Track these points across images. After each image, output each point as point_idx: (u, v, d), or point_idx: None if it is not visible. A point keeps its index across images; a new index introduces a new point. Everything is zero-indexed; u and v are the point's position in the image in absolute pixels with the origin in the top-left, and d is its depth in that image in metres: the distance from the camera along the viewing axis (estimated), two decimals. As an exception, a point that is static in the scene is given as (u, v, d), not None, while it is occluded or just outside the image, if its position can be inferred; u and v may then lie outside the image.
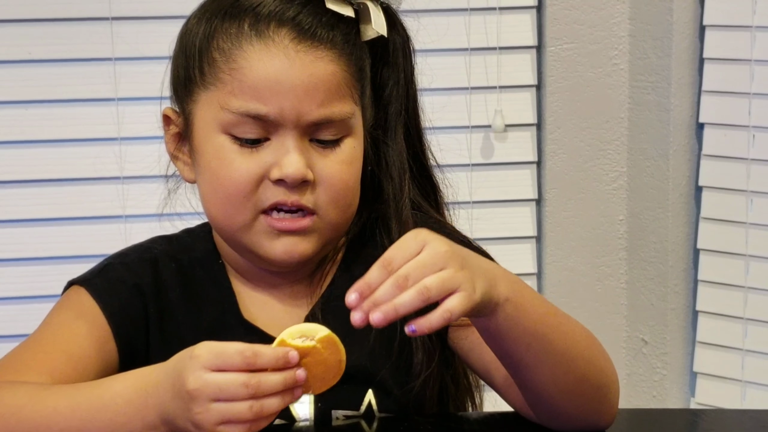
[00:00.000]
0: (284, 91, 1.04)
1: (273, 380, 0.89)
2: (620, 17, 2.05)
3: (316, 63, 1.05)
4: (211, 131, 1.06)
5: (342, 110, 1.06)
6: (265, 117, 1.04)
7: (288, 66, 1.04)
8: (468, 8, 2.03)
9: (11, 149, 1.98)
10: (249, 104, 1.04)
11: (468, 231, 1.20)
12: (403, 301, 0.90)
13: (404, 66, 1.15)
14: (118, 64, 1.97)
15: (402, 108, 1.14)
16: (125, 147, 1.98)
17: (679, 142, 2.05)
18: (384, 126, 1.14)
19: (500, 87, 2.05)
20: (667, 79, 2.03)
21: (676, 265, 2.08)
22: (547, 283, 2.11)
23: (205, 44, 1.08)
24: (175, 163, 1.13)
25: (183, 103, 1.10)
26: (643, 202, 2.09)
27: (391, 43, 1.13)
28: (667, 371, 2.11)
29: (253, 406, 0.89)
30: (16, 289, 1.99)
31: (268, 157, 1.05)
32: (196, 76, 1.08)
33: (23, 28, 1.96)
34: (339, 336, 0.96)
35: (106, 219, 1.99)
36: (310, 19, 1.06)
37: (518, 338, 0.99)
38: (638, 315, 2.12)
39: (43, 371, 1.03)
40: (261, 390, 0.89)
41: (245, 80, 1.04)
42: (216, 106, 1.06)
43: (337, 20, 1.07)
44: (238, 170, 1.04)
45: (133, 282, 1.10)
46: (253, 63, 1.05)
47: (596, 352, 1.04)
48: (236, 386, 0.88)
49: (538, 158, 2.10)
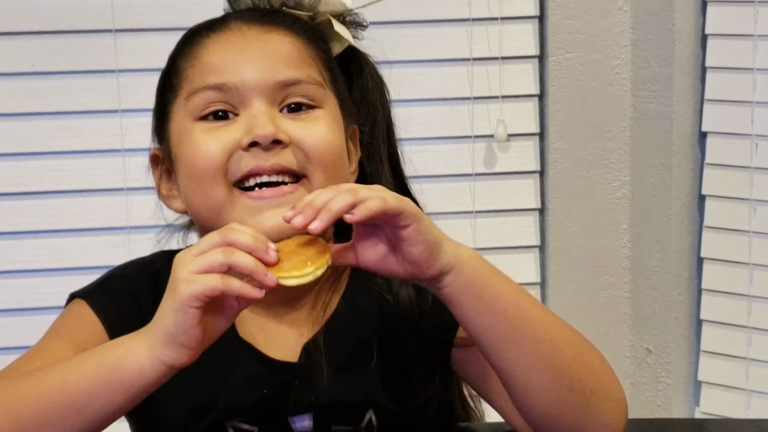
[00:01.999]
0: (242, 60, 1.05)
1: (244, 238, 0.91)
2: (622, 26, 2.05)
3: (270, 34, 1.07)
4: (183, 126, 1.07)
5: (308, 74, 1.06)
6: (224, 86, 1.04)
7: (243, 41, 1.06)
8: (470, 18, 2.03)
9: (15, 161, 1.99)
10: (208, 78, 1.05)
11: (471, 241, 1.20)
12: (336, 200, 0.91)
13: (379, 87, 1.16)
14: (122, 76, 1.97)
15: (383, 129, 1.15)
16: (129, 158, 1.99)
17: (681, 151, 2.05)
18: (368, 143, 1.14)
19: (503, 97, 2.05)
20: (669, 88, 2.03)
21: (679, 274, 2.08)
22: (551, 293, 2.11)
23: (171, 63, 1.11)
24: (163, 200, 1.13)
25: (163, 133, 1.11)
26: (647, 211, 2.09)
27: (364, 64, 1.15)
28: (672, 380, 2.11)
29: (226, 252, 0.90)
30: (19, 300, 2.00)
31: (238, 128, 1.04)
32: (167, 95, 1.09)
33: (27, 41, 1.97)
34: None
35: (109, 230, 2.00)
36: (263, 12, 1.10)
37: (477, 315, 0.98)
38: (642, 324, 2.12)
39: None
40: (234, 239, 0.91)
41: (204, 63, 1.06)
42: (184, 103, 1.07)
43: (293, 18, 1.10)
44: (207, 145, 1.04)
45: (133, 295, 1.10)
46: (211, 47, 1.07)
47: (584, 355, 1.02)
48: (211, 237, 0.91)
49: (541, 168, 2.10)
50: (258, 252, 0.91)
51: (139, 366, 0.94)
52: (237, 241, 0.92)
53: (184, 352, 0.92)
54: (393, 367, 1.09)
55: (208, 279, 0.90)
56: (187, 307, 0.90)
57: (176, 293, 0.91)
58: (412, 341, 1.10)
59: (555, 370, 1.00)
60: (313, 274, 0.93)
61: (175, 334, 0.92)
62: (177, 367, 0.94)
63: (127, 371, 0.94)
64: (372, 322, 1.11)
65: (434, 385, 1.11)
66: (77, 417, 0.96)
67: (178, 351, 0.92)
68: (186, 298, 0.90)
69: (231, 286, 0.90)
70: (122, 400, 0.96)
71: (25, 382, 0.98)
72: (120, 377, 0.95)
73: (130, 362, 0.94)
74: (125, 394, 0.95)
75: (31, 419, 0.96)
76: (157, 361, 0.93)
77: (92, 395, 0.95)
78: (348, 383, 1.08)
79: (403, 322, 1.10)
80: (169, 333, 0.92)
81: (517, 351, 0.99)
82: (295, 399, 1.08)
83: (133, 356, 0.94)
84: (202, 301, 0.90)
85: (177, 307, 0.91)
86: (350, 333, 1.10)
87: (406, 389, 1.10)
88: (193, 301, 0.90)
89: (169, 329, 0.92)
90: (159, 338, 0.93)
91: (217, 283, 0.90)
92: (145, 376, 0.94)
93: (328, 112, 1.07)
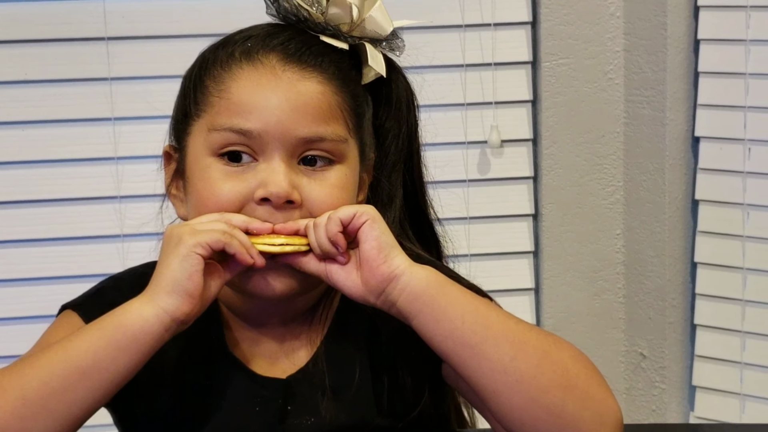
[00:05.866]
0: (270, 107, 1.03)
1: (238, 215, 1.03)
2: (615, 32, 2.06)
3: (303, 82, 1.05)
4: (200, 156, 1.06)
5: (333, 131, 1.05)
6: (249, 133, 1.03)
7: (274, 83, 1.04)
8: (463, 24, 2.03)
9: (8, 170, 1.98)
10: (233, 120, 1.04)
11: (465, 247, 1.20)
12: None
13: (407, 118, 1.14)
14: (114, 84, 1.97)
15: (400, 160, 1.14)
16: (122, 166, 1.98)
17: (675, 156, 2.05)
18: (381, 174, 1.13)
19: (496, 103, 2.06)
20: (662, 93, 2.03)
21: (673, 279, 2.08)
22: (545, 298, 2.11)
23: (198, 76, 1.09)
24: (171, 200, 1.13)
25: (180, 139, 1.10)
26: (640, 216, 2.09)
27: (394, 94, 1.13)
28: (666, 385, 2.11)
29: (228, 225, 1.01)
30: (12, 309, 1.99)
31: (254, 178, 1.03)
32: (191, 108, 1.08)
33: (19, 49, 1.96)
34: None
35: (103, 239, 1.99)
36: (299, 46, 1.07)
37: (434, 323, 0.99)
38: (636, 329, 2.12)
39: None
40: (230, 217, 1.02)
41: (232, 98, 1.05)
42: (205, 131, 1.06)
43: (329, 50, 1.08)
44: (221, 189, 1.04)
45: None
46: (241, 83, 1.05)
47: (553, 354, 1.00)
48: (210, 215, 1.03)
49: (534, 173, 2.10)
50: (253, 224, 1.01)
51: (143, 319, 0.97)
52: (233, 218, 1.02)
53: (187, 299, 0.97)
54: (385, 385, 1.09)
55: (214, 232, 0.99)
56: (193, 253, 0.97)
57: (181, 243, 0.98)
58: (402, 358, 1.10)
59: (520, 372, 0.99)
60: (281, 247, 1.01)
61: (180, 279, 0.97)
62: (179, 319, 0.97)
63: (131, 327, 0.97)
64: (363, 341, 1.11)
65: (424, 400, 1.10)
66: (82, 382, 0.96)
67: (182, 298, 0.97)
68: (192, 244, 0.98)
69: (232, 243, 0.99)
70: (127, 359, 0.97)
71: (23, 363, 0.99)
72: (124, 333, 0.97)
73: (133, 317, 0.97)
74: (129, 351, 0.97)
75: (35, 393, 0.96)
76: (161, 311, 0.97)
77: (97, 358, 0.96)
78: (343, 404, 1.08)
79: (394, 340, 1.10)
80: (174, 279, 0.97)
81: (479, 356, 0.99)
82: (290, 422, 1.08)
83: (136, 311, 0.98)
84: (206, 250, 0.98)
85: (184, 254, 0.98)
86: (343, 353, 1.10)
87: (399, 407, 1.10)
88: (199, 248, 0.98)
89: (174, 276, 0.98)
90: (162, 288, 0.98)
91: (221, 236, 0.99)
92: (148, 330, 0.97)
93: (345, 167, 1.07)
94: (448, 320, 0.99)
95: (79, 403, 0.97)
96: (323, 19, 1.08)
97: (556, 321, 2.11)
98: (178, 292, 0.97)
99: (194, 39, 1.93)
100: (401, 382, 1.10)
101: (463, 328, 0.99)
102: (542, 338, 1.02)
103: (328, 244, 1.00)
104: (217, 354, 1.09)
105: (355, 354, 1.10)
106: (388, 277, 1.00)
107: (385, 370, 1.10)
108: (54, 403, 0.96)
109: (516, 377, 0.99)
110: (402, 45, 1.12)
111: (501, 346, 0.99)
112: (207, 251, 0.98)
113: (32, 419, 0.96)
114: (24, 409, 0.95)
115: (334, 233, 1.00)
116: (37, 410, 0.96)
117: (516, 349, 0.99)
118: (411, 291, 0.99)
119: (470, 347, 0.99)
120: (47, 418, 0.96)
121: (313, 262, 1.02)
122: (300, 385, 1.08)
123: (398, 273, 0.99)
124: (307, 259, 1.02)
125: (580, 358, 1.02)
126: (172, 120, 1.13)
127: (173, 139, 1.12)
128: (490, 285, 1.14)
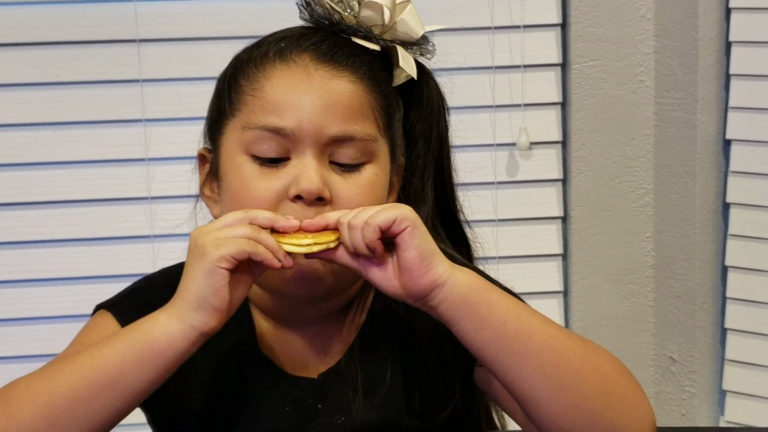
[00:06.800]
0: (303, 105, 1.04)
1: (264, 213, 0.99)
2: (645, 34, 2.05)
3: (335, 80, 1.06)
4: (234, 154, 1.07)
5: (363, 130, 1.06)
6: (283, 131, 1.04)
7: (307, 82, 1.05)
8: (492, 27, 2.03)
9: (40, 170, 2.00)
10: (268, 118, 1.05)
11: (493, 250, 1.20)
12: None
13: (438, 121, 1.15)
14: (145, 86, 1.98)
15: (431, 162, 1.14)
16: (153, 167, 2.00)
17: (705, 159, 2.04)
18: (412, 177, 1.14)
19: (525, 105, 2.05)
20: (693, 95, 2.02)
21: (703, 283, 2.07)
22: (574, 301, 2.10)
23: (233, 76, 1.10)
24: (205, 201, 1.14)
25: (215, 140, 1.11)
26: (670, 219, 2.08)
27: (425, 96, 1.14)
28: (696, 389, 2.10)
29: (253, 228, 0.98)
30: (44, 309, 2.01)
31: (287, 175, 1.04)
32: (225, 108, 1.09)
33: (52, 51, 1.98)
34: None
35: (133, 239, 2.01)
36: (331, 46, 1.08)
37: (476, 331, 0.99)
38: (666, 333, 2.11)
39: None
40: (255, 215, 0.99)
41: (266, 97, 1.06)
42: (239, 129, 1.06)
43: (361, 51, 1.08)
44: (257, 188, 1.05)
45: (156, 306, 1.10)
46: (275, 81, 1.06)
47: (593, 362, 1.01)
48: (234, 214, 0.99)
49: (563, 176, 2.10)
50: (279, 222, 0.99)
51: (169, 334, 0.97)
52: (259, 216, 0.99)
53: (214, 314, 0.96)
54: (416, 386, 1.10)
55: (238, 241, 0.96)
56: (217, 268, 0.96)
57: (205, 256, 0.96)
58: (435, 359, 1.10)
59: (562, 379, 0.99)
60: (308, 247, 0.99)
61: (206, 296, 0.96)
62: (206, 333, 0.97)
63: (158, 341, 0.97)
64: (396, 341, 1.11)
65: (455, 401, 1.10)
66: (109, 393, 0.97)
67: (209, 314, 0.96)
68: (216, 258, 0.96)
69: (258, 251, 0.97)
70: (153, 372, 0.98)
71: (54, 367, 1.00)
72: (151, 348, 0.97)
73: (160, 332, 0.97)
74: (156, 365, 0.97)
75: (63, 400, 0.97)
76: (188, 327, 0.97)
77: (123, 370, 0.97)
78: (373, 404, 1.08)
79: (428, 341, 1.10)
80: (199, 296, 0.96)
81: (521, 363, 0.99)
82: (320, 420, 1.08)
83: (163, 326, 0.97)
84: (230, 263, 0.96)
85: (207, 269, 0.96)
86: (375, 352, 1.10)
87: (429, 408, 1.10)
88: (223, 262, 0.96)
89: (199, 292, 0.96)
90: (188, 303, 0.97)
91: (245, 245, 0.96)
92: (176, 345, 0.97)
93: (376, 166, 1.08)
94: (490, 328, 0.99)
95: (105, 412, 0.98)
96: (355, 22, 1.09)
97: (585, 324, 2.10)
98: (205, 308, 0.97)
99: (224, 41, 1.95)
100: (433, 383, 1.10)
101: (505, 336, 0.99)
102: (582, 345, 1.02)
103: (364, 248, 0.99)
104: (248, 353, 1.10)
105: (387, 353, 1.10)
106: (429, 287, 0.99)
107: (417, 370, 1.10)
108: (81, 411, 0.97)
109: (557, 384, 0.99)
110: (432, 49, 1.13)
111: (543, 354, 0.99)
112: (231, 264, 0.96)
113: (60, 426, 0.97)
114: (52, 415, 0.97)
115: (372, 241, 0.98)
116: (65, 417, 0.97)
117: (557, 356, 0.99)
118: (453, 300, 0.99)
119: (511, 354, 0.99)
120: (74, 425, 0.97)
121: (345, 256, 1.01)
122: (331, 384, 1.09)
123: (440, 282, 0.98)
124: (339, 253, 1.00)
125: (617, 364, 1.03)
126: (206, 120, 1.13)
127: (207, 141, 1.13)
128: (519, 288, 1.14)
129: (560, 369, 0.99)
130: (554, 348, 0.99)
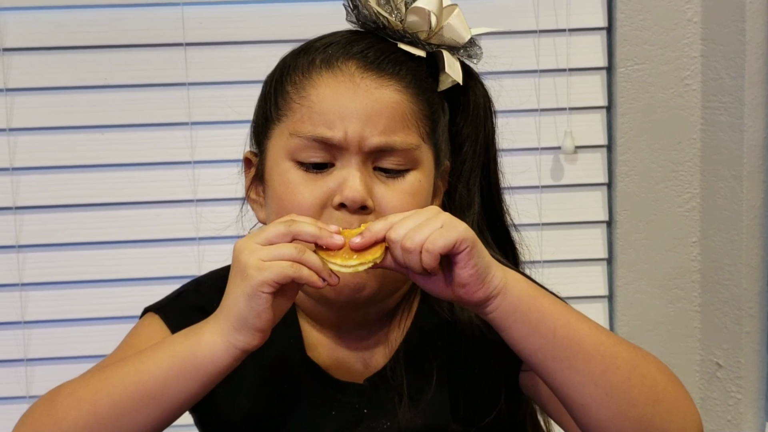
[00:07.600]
0: (349, 115, 1.05)
1: (309, 228, 0.97)
2: (692, 38, 2.03)
3: (380, 90, 1.06)
4: (280, 159, 1.07)
5: (405, 140, 1.06)
6: (329, 141, 1.05)
7: (353, 91, 1.06)
8: (537, 30, 2.03)
9: (87, 173, 2.02)
10: (316, 129, 1.06)
11: (538, 254, 1.19)
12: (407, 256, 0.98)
13: (485, 124, 1.15)
14: (192, 89, 2.00)
15: (478, 166, 1.14)
16: (199, 170, 2.01)
17: (752, 163, 2.02)
18: (458, 181, 1.14)
19: (570, 108, 2.04)
20: (740, 99, 2.00)
21: (750, 288, 2.05)
22: (619, 306, 2.09)
23: (279, 81, 1.11)
24: (250, 204, 1.15)
25: (261, 144, 1.12)
26: (717, 223, 2.07)
27: (472, 101, 1.14)
28: (742, 395, 2.08)
29: (298, 248, 0.96)
30: (91, 310, 2.02)
31: (332, 182, 1.05)
32: (271, 113, 1.10)
33: (100, 54, 2.00)
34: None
35: (179, 241, 2.02)
36: (377, 54, 1.08)
37: (526, 337, 0.99)
38: (712, 338, 2.10)
39: None
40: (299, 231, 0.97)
41: (313, 106, 1.06)
42: (286, 135, 1.07)
43: (407, 58, 1.09)
44: (302, 195, 1.05)
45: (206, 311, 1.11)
46: (321, 90, 1.06)
47: (642, 368, 1.01)
48: (277, 227, 0.97)
49: (608, 180, 2.09)
50: (323, 239, 0.97)
51: (213, 352, 0.98)
52: (302, 232, 0.97)
53: (256, 335, 0.97)
54: (461, 391, 1.10)
55: (281, 265, 0.95)
56: (260, 293, 0.95)
57: (248, 279, 0.96)
58: (480, 365, 1.10)
59: (611, 385, 0.99)
60: (354, 268, 0.97)
61: (248, 318, 0.96)
62: (249, 350, 0.98)
63: (201, 358, 0.98)
64: (441, 346, 1.11)
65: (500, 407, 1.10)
66: (152, 406, 0.98)
67: (251, 334, 0.97)
68: (258, 283, 0.95)
69: (301, 275, 0.96)
70: (196, 386, 0.98)
71: (98, 376, 1.01)
72: (194, 364, 0.98)
73: (203, 349, 0.98)
74: (199, 380, 0.98)
75: (106, 411, 0.98)
76: (230, 346, 0.97)
77: (166, 384, 0.98)
78: (418, 409, 1.08)
79: (473, 346, 1.10)
80: (242, 317, 0.96)
81: (570, 369, 0.99)
82: (366, 425, 1.08)
83: (206, 343, 0.98)
84: (273, 288, 0.95)
85: (250, 293, 0.95)
86: (421, 357, 1.11)
87: (474, 413, 1.10)
88: (266, 287, 0.95)
89: (242, 314, 0.96)
90: (231, 324, 0.97)
91: (288, 270, 0.96)
92: (218, 362, 0.98)
93: (420, 173, 1.08)
94: (540, 335, 0.99)
95: (147, 423, 0.99)
96: (402, 27, 1.09)
97: (630, 329, 2.09)
98: (247, 329, 0.97)
99: (270, 45, 1.97)
100: (478, 388, 1.10)
101: (555, 342, 0.99)
102: (631, 351, 1.02)
103: (419, 269, 0.98)
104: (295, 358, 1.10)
105: (432, 359, 1.10)
106: (484, 300, 0.99)
107: (463, 375, 1.10)
108: (123, 422, 0.99)
109: (606, 390, 0.99)
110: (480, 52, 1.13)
111: (592, 360, 0.99)
112: (274, 288, 0.96)
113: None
114: (96, 425, 0.98)
115: (431, 267, 0.97)
116: (108, 428, 0.98)
117: (607, 362, 0.99)
118: (504, 308, 0.99)
119: (560, 361, 0.99)
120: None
121: (393, 263, 1.00)
122: (377, 389, 1.09)
123: (494, 294, 0.99)
124: (386, 261, 1.00)
125: (665, 370, 1.03)
126: (252, 124, 1.14)
127: (253, 144, 1.14)
128: (563, 292, 1.14)
129: (609, 375, 0.99)
130: (603, 354, 0.99)
